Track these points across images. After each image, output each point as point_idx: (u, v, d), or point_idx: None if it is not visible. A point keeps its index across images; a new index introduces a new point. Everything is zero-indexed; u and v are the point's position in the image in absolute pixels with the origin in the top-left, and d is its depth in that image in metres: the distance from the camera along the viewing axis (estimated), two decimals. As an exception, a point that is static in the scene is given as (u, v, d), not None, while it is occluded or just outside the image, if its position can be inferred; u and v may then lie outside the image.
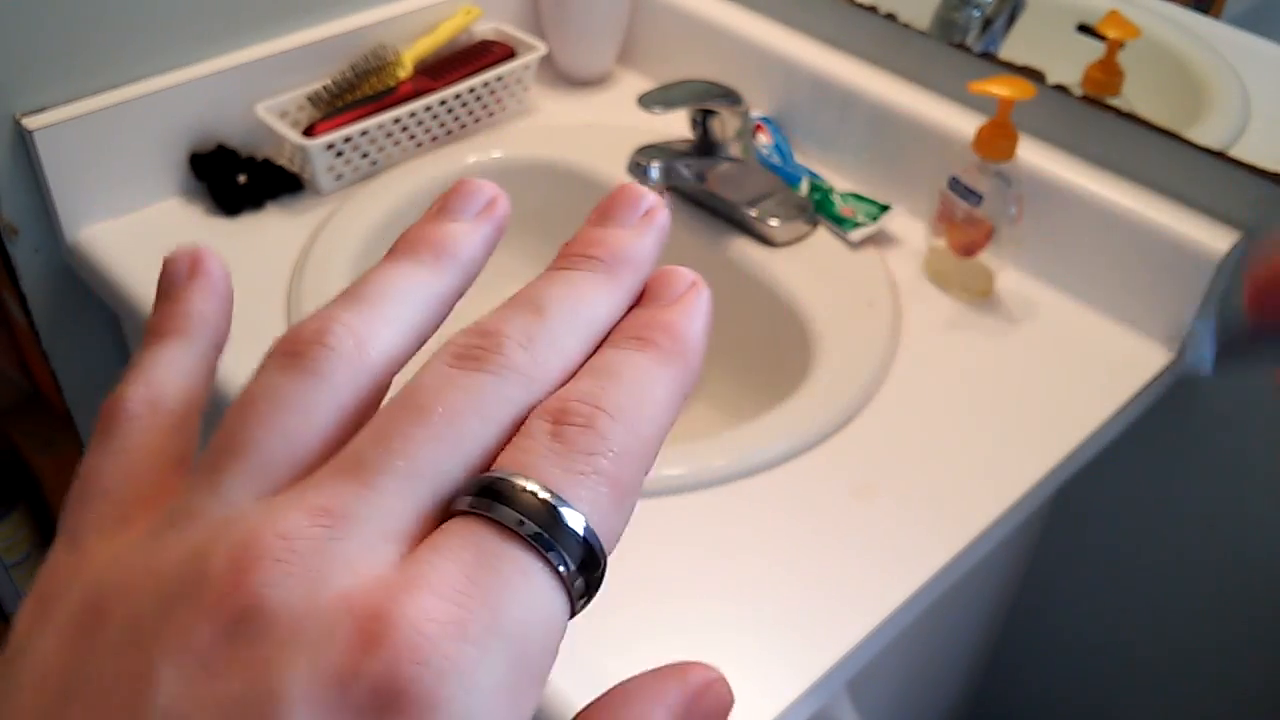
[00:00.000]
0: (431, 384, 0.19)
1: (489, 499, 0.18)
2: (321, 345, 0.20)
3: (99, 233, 0.89)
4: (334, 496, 0.18)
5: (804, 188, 0.93)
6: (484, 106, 1.02)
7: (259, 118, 0.92)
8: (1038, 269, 0.87)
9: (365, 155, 0.95)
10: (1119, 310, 0.84)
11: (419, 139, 0.98)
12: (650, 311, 0.22)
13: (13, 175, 0.86)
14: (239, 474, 0.19)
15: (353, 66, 0.97)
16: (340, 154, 0.93)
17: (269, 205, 0.93)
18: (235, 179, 0.91)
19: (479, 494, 0.18)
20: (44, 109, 0.84)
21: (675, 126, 0.93)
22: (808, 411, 0.75)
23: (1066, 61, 0.84)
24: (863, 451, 0.73)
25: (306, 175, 0.93)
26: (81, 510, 0.20)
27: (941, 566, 0.66)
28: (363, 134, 0.93)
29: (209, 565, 0.17)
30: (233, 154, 0.93)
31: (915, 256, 0.89)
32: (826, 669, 0.60)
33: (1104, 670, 1.07)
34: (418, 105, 0.95)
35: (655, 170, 0.89)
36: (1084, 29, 0.84)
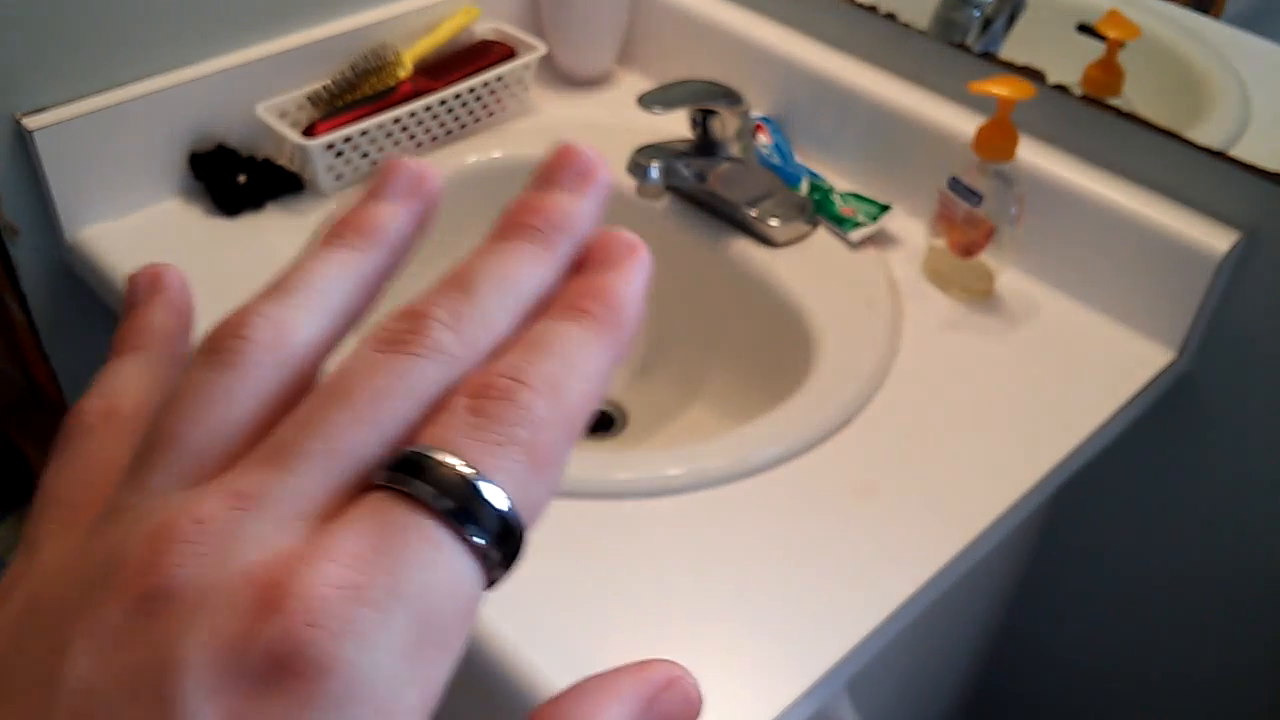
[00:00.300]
0: (355, 368, 0.20)
1: (403, 473, 0.18)
2: (240, 338, 0.20)
3: (99, 232, 0.89)
4: (251, 481, 0.18)
5: (804, 188, 0.93)
6: (484, 106, 1.02)
7: (259, 118, 0.92)
8: (1038, 269, 0.87)
9: (365, 155, 0.95)
10: (1119, 310, 0.84)
11: (419, 139, 0.98)
12: (586, 279, 0.22)
13: (13, 175, 0.86)
14: (164, 468, 0.19)
15: (353, 66, 0.97)
16: (340, 154, 0.93)
17: (269, 205, 0.93)
18: (235, 179, 0.91)
19: (394, 469, 0.18)
20: (44, 109, 0.84)
21: (675, 126, 0.93)
22: (808, 411, 0.75)
23: (1066, 61, 0.84)
24: (862, 451, 0.73)
25: (306, 175, 0.93)
26: (40, 519, 0.21)
27: (941, 566, 0.66)
28: (363, 134, 0.93)
29: (126, 551, 0.18)
30: (233, 154, 0.93)
31: (915, 256, 0.89)
32: (826, 669, 0.60)
33: (1104, 670, 1.07)
34: (418, 105, 0.95)
35: (655, 170, 0.89)
36: (1084, 29, 0.84)
